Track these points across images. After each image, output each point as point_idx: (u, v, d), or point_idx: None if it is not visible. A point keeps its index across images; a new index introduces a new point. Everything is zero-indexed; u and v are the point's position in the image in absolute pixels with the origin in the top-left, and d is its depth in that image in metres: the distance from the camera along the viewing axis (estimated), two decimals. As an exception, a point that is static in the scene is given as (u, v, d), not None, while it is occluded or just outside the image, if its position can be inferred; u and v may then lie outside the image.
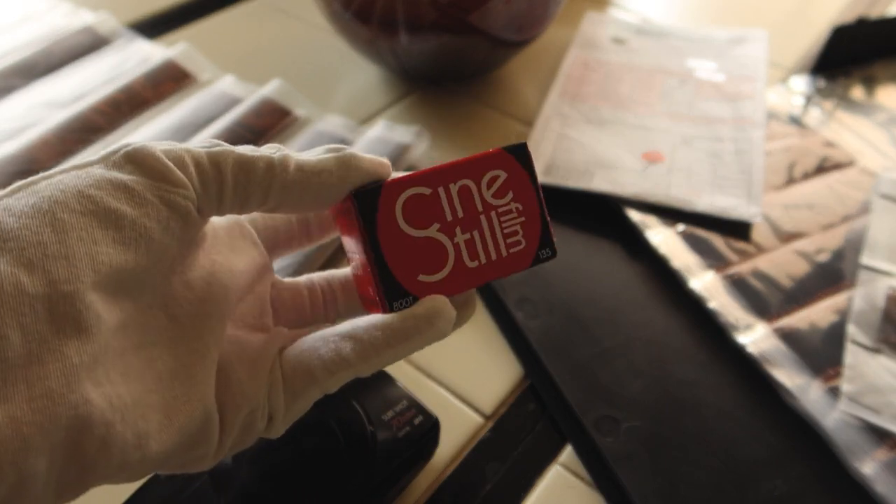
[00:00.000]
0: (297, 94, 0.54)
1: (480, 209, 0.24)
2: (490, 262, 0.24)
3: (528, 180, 0.24)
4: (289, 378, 0.22)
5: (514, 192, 0.24)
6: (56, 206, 0.18)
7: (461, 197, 0.24)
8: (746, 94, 0.56)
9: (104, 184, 0.19)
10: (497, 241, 0.24)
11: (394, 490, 0.30)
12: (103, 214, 0.19)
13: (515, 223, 0.24)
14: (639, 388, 0.37)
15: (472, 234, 0.24)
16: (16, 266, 0.17)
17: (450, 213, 0.23)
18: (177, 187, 0.20)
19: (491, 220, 0.24)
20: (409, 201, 0.23)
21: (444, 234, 0.24)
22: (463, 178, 0.24)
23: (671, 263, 0.42)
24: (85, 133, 0.49)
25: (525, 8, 0.49)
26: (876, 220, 0.46)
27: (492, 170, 0.24)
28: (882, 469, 0.33)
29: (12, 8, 0.61)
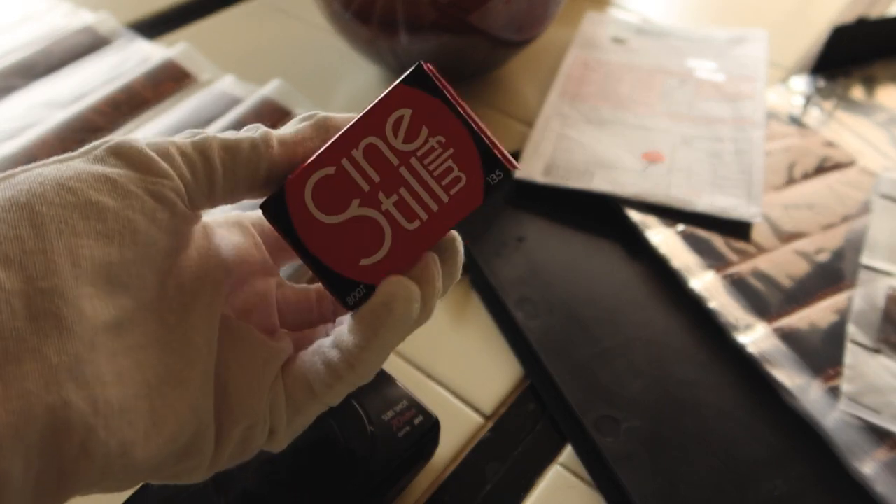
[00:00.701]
0: (297, 94, 0.54)
1: (396, 162, 0.21)
2: (433, 214, 0.21)
3: (440, 104, 0.20)
4: (290, 392, 0.22)
5: (428, 125, 0.20)
6: (34, 199, 0.17)
7: (369, 159, 0.21)
8: (746, 94, 0.56)
9: (85, 175, 0.18)
10: (431, 188, 0.21)
11: (394, 490, 0.30)
12: (84, 206, 0.18)
13: (445, 158, 0.21)
14: (639, 388, 0.37)
15: (399, 194, 0.21)
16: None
17: (365, 183, 0.21)
18: (162, 178, 0.19)
19: (414, 169, 0.21)
20: (317, 188, 0.21)
21: (369, 207, 0.21)
22: (363, 138, 0.20)
23: (671, 263, 0.42)
24: (85, 133, 0.49)
25: (525, 8, 0.49)
26: (876, 220, 0.46)
27: (392, 113, 0.20)
28: (882, 469, 0.33)
29: (12, 8, 0.61)
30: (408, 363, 0.38)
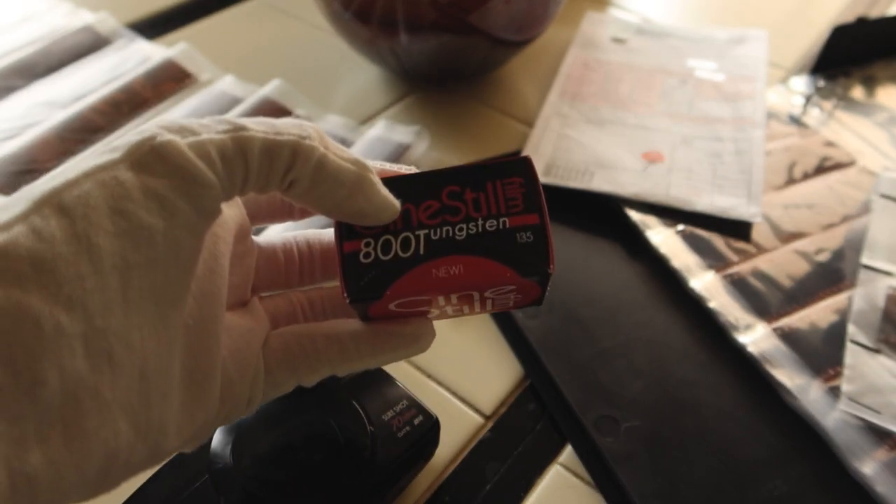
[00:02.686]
0: (297, 94, 0.54)
1: (477, 298, 0.23)
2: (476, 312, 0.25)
3: (539, 289, 0.22)
4: (272, 371, 0.23)
5: (518, 291, 0.22)
6: (90, 230, 0.17)
7: (460, 298, 0.22)
8: (746, 94, 0.56)
9: (135, 195, 0.18)
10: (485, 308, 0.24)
11: (394, 490, 0.30)
12: (136, 232, 0.18)
13: (510, 298, 0.23)
14: (639, 388, 0.37)
15: (461, 308, 0.24)
16: (53, 304, 0.16)
17: (444, 302, 0.23)
18: (206, 189, 0.19)
19: (485, 299, 0.23)
20: (404, 302, 0.22)
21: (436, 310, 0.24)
22: (467, 290, 0.22)
23: (671, 263, 0.42)
24: (85, 133, 0.49)
25: (525, 8, 0.49)
26: (876, 220, 0.46)
27: (501, 285, 0.22)
28: (882, 469, 0.33)
29: (12, 8, 0.61)
30: (408, 363, 0.38)
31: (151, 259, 0.18)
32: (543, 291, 0.23)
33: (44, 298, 0.16)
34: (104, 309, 0.17)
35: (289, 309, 0.26)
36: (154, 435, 0.19)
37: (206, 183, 0.19)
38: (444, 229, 0.22)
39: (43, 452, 0.16)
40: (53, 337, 0.16)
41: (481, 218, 0.22)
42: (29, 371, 0.16)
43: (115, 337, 0.17)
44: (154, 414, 0.19)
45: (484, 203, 0.22)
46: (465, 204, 0.22)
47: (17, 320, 0.16)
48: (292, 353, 0.23)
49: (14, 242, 0.16)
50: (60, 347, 0.16)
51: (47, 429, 0.16)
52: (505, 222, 0.22)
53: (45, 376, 0.16)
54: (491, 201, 0.22)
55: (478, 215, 0.22)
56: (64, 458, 0.16)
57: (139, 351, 0.18)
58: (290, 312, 0.26)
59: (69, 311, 0.16)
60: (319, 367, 0.23)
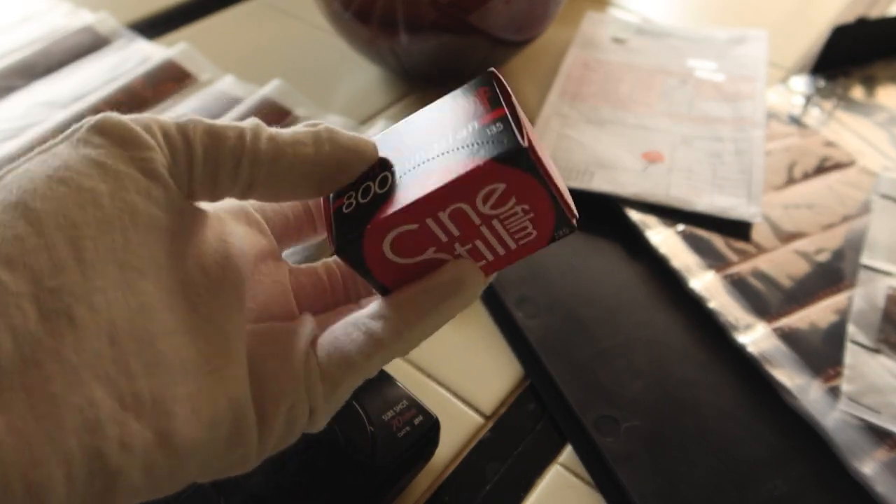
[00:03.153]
0: (297, 94, 0.54)
1: (478, 222, 0.21)
2: (498, 256, 0.22)
3: (533, 181, 0.20)
4: (325, 367, 0.21)
5: (518, 195, 0.21)
6: (26, 196, 0.17)
7: (454, 219, 0.21)
8: (746, 94, 0.56)
9: (74, 163, 0.18)
10: (503, 240, 0.22)
11: (394, 490, 0.30)
12: (78, 195, 0.17)
13: (523, 221, 0.21)
14: (639, 388, 0.37)
15: (473, 244, 0.22)
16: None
17: (444, 235, 0.21)
18: (146, 151, 0.19)
19: (493, 227, 0.21)
20: (397, 239, 0.21)
21: (443, 253, 0.22)
22: (452, 203, 0.20)
23: (671, 263, 0.42)
24: (85, 133, 0.49)
25: (525, 8, 0.49)
26: (876, 220, 0.46)
27: (487, 185, 0.20)
28: (882, 469, 0.33)
29: (12, 8, 0.61)
30: (408, 363, 0.38)
31: (101, 220, 0.17)
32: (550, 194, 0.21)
33: None
34: (53, 268, 0.16)
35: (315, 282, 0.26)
36: (151, 412, 0.17)
37: (146, 145, 0.19)
38: (418, 154, 0.22)
39: (6, 420, 0.15)
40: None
41: (451, 131, 0.21)
42: None
43: (73, 298, 0.16)
44: (141, 387, 0.17)
45: (451, 118, 0.22)
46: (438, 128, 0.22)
47: None
48: (340, 341, 0.22)
49: None
50: (7, 306, 0.16)
51: (8, 394, 0.15)
52: (474, 125, 0.21)
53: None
54: (459, 115, 0.22)
55: (448, 131, 0.22)
56: (28, 424, 0.15)
57: (105, 314, 0.17)
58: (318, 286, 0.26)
59: (11, 270, 0.16)
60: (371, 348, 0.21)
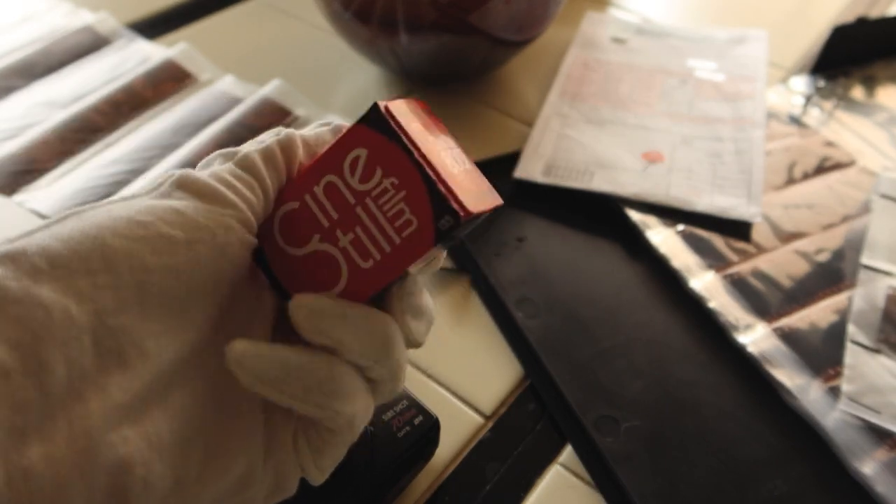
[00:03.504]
0: (297, 94, 0.54)
1: (353, 201, 0.21)
2: (386, 254, 0.21)
3: (395, 147, 0.20)
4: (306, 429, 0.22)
5: (382, 166, 0.20)
6: (105, 232, 0.17)
7: (329, 196, 0.21)
8: (746, 94, 0.56)
9: (156, 209, 0.18)
10: (384, 229, 0.20)
11: (394, 490, 0.30)
12: (155, 240, 0.18)
13: (397, 201, 0.20)
14: (639, 388, 0.37)
15: (354, 233, 0.21)
16: (65, 295, 0.16)
17: (324, 219, 0.21)
18: (228, 208, 0.19)
19: (368, 209, 0.21)
20: (283, 221, 0.21)
21: (328, 243, 0.21)
22: (324, 176, 0.21)
23: (671, 263, 0.42)
24: (85, 133, 0.49)
25: (525, 8, 0.49)
26: (876, 220, 0.46)
27: (349, 152, 0.20)
28: (882, 469, 0.33)
29: (12, 8, 0.61)
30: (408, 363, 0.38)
31: (171, 267, 0.18)
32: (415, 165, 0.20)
33: (56, 290, 0.16)
34: (117, 307, 0.17)
35: None
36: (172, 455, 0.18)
37: (228, 202, 0.19)
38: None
39: (44, 448, 0.15)
40: (62, 324, 0.16)
41: None
42: (36, 356, 0.16)
43: (128, 339, 0.17)
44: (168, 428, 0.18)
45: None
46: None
47: (29, 308, 0.16)
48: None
49: (33, 242, 0.17)
50: (69, 337, 0.16)
51: (50, 423, 0.16)
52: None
53: (52, 364, 0.16)
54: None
55: None
56: (65, 456, 0.16)
57: (154, 360, 0.18)
58: None
59: (80, 304, 0.16)
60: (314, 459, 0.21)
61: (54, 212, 0.43)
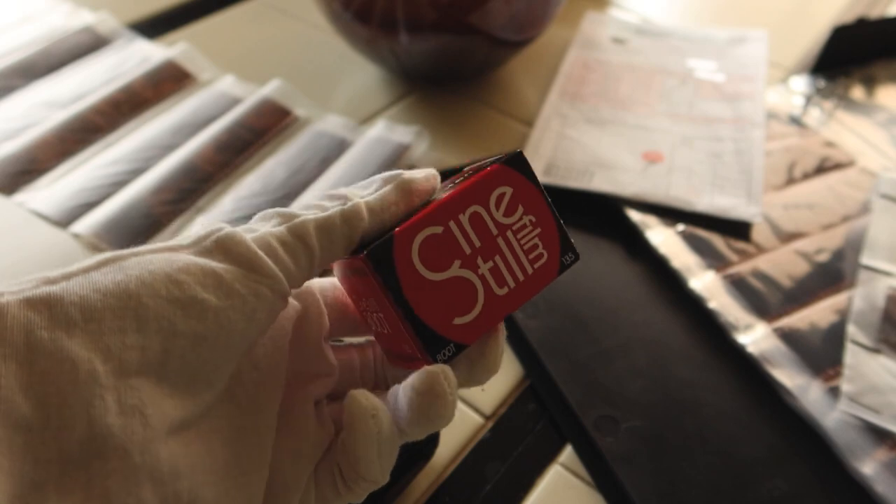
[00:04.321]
0: (297, 94, 0.54)
1: (496, 232, 0.22)
2: (518, 283, 0.23)
3: (534, 189, 0.23)
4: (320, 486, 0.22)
5: (524, 205, 0.23)
6: (143, 290, 0.17)
7: (473, 225, 0.22)
8: (746, 94, 0.56)
9: (194, 269, 0.18)
10: (520, 260, 0.23)
11: (394, 490, 0.30)
12: (188, 303, 0.18)
13: (533, 236, 0.23)
14: (639, 388, 0.37)
15: (494, 262, 0.22)
16: (93, 351, 0.16)
17: (467, 246, 0.22)
18: (267, 278, 0.19)
19: (509, 241, 0.23)
20: (424, 245, 0.22)
21: (468, 269, 0.22)
22: (471, 205, 0.22)
23: (671, 263, 0.42)
24: (85, 133, 0.49)
25: (525, 8, 0.49)
26: (876, 220, 0.46)
27: (496, 188, 0.22)
28: (882, 469, 0.33)
29: (12, 8, 0.61)
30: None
31: (199, 334, 0.18)
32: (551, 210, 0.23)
33: (85, 344, 0.16)
34: (141, 369, 0.17)
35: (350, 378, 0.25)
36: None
37: (267, 272, 0.19)
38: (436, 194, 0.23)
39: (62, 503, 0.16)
40: (87, 383, 0.16)
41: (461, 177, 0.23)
42: (59, 414, 0.16)
43: (151, 400, 0.17)
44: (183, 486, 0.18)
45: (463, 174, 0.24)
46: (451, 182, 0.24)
47: (58, 362, 0.16)
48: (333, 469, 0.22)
49: (70, 290, 0.17)
50: (92, 396, 0.16)
51: (70, 480, 0.16)
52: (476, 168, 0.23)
53: (73, 421, 0.16)
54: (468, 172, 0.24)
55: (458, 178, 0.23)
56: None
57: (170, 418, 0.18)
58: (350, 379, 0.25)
59: (105, 361, 0.17)
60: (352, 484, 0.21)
61: (54, 212, 0.43)
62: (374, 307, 0.22)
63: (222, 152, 0.48)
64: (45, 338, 0.16)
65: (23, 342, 0.16)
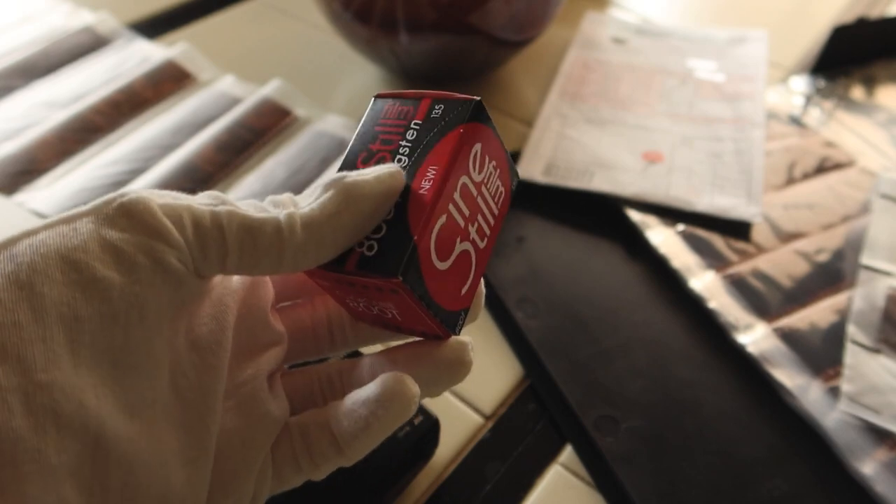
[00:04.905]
0: (297, 94, 0.54)
1: (475, 193, 0.22)
2: (492, 228, 0.23)
3: (493, 134, 0.22)
4: (278, 467, 0.21)
5: (489, 153, 0.22)
6: (36, 278, 0.16)
7: (464, 197, 0.21)
8: (746, 94, 0.56)
9: (92, 245, 0.17)
10: (491, 207, 0.22)
11: (394, 490, 0.30)
12: (88, 284, 0.16)
13: (497, 180, 0.22)
14: (639, 388, 0.37)
15: (477, 221, 0.22)
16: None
17: (461, 220, 0.21)
18: (171, 247, 0.18)
19: (484, 196, 0.22)
20: (438, 239, 0.20)
21: (465, 241, 0.22)
22: (458, 180, 0.21)
23: (671, 263, 0.42)
24: (85, 133, 0.49)
25: (525, 8, 0.49)
26: (876, 220, 0.46)
27: (471, 150, 0.21)
28: (882, 469, 0.33)
29: (12, 8, 0.61)
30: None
31: (106, 315, 0.17)
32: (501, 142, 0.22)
33: None
34: (47, 362, 0.16)
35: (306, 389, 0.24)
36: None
37: (170, 241, 0.18)
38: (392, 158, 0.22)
39: None
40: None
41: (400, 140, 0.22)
42: None
43: (63, 395, 0.16)
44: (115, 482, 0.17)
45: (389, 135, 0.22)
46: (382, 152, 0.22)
47: None
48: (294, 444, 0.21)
49: None
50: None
51: None
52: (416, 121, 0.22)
53: None
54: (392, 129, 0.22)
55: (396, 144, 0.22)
56: None
57: (94, 414, 0.16)
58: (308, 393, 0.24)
59: (3, 361, 0.15)
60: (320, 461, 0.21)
61: (54, 212, 0.43)
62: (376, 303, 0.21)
63: (222, 152, 0.48)
64: None
65: None
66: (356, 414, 0.20)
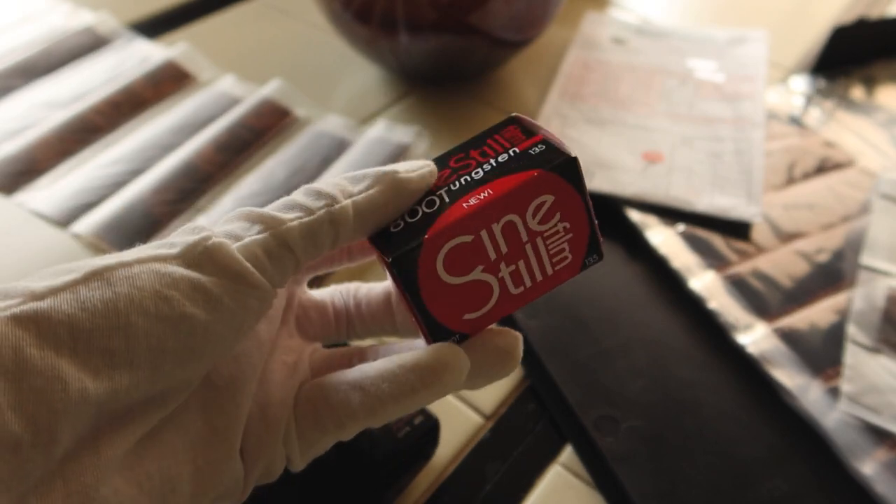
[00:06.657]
0: (297, 94, 0.54)
1: (526, 239, 0.21)
2: (536, 282, 0.22)
3: (578, 198, 0.21)
4: (302, 428, 0.22)
5: (562, 212, 0.21)
6: (131, 308, 0.18)
7: (505, 234, 0.21)
8: (746, 94, 0.56)
9: (182, 284, 0.19)
10: (543, 263, 0.22)
11: (394, 490, 0.30)
12: (177, 320, 0.18)
13: (563, 241, 0.22)
14: (639, 388, 0.37)
15: (516, 265, 0.22)
16: (82, 370, 0.17)
17: (493, 253, 0.21)
18: (255, 290, 0.20)
19: (536, 247, 0.22)
20: (450, 253, 0.21)
21: (489, 274, 0.22)
22: (507, 215, 0.21)
23: (671, 263, 0.42)
24: (85, 133, 0.49)
25: (525, 8, 0.49)
26: (876, 220, 0.46)
27: (538, 197, 0.21)
28: (882, 469, 0.33)
29: (12, 8, 0.61)
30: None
31: (188, 348, 0.18)
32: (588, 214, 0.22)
33: (74, 363, 0.17)
34: (130, 387, 0.17)
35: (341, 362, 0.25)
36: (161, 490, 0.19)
37: (254, 283, 0.19)
38: (461, 178, 0.22)
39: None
40: (77, 401, 0.16)
41: (492, 158, 0.22)
42: (49, 430, 0.16)
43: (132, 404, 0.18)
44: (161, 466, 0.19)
45: (490, 150, 0.22)
46: (472, 159, 0.22)
47: (49, 381, 0.16)
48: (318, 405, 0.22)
49: (57, 308, 0.17)
50: (81, 412, 0.17)
51: (47, 484, 0.16)
52: (515, 150, 0.22)
53: (61, 437, 0.16)
54: (496, 147, 0.22)
55: (487, 159, 0.22)
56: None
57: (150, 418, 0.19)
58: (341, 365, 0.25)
59: (95, 380, 0.17)
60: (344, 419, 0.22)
61: (54, 212, 0.43)
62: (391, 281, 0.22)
63: (222, 152, 0.48)
64: (34, 355, 0.16)
65: (12, 360, 0.16)
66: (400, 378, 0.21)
